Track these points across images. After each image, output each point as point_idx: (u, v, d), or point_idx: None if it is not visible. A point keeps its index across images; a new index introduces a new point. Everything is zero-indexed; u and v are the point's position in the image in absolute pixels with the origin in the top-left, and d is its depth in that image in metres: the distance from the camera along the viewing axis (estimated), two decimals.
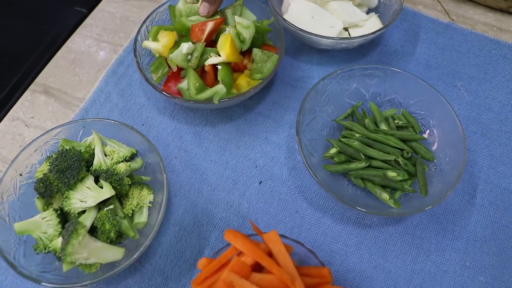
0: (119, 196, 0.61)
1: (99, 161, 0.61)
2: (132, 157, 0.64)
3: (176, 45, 0.69)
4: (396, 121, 0.69)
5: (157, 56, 0.73)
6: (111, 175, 0.58)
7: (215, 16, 0.71)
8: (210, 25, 0.67)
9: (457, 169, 0.60)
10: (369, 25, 0.78)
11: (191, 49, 0.67)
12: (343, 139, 0.67)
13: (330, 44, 0.75)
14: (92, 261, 0.55)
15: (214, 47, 0.68)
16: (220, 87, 0.66)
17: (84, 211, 0.58)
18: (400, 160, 0.64)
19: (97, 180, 0.60)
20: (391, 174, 0.62)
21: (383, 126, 0.68)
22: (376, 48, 0.84)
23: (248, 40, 0.69)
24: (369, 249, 0.63)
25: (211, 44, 0.70)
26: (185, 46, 0.66)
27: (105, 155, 0.63)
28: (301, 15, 0.77)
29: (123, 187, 0.59)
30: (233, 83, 0.69)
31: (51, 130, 0.64)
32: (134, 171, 0.64)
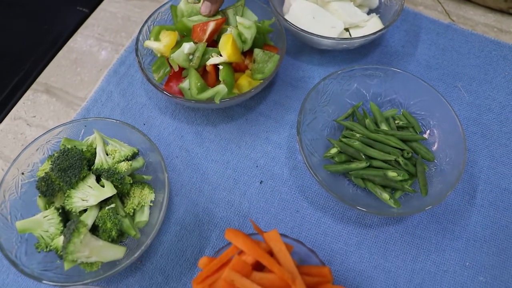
0: (121, 195, 0.62)
1: (100, 160, 0.61)
2: (133, 156, 0.64)
3: (177, 45, 0.69)
4: (396, 121, 0.69)
5: (158, 56, 0.73)
6: (112, 174, 0.59)
7: (217, 16, 0.72)
8: (211, 25, 0.67)
9: (457, 170, 0.61)
10: (370, 26, 0.78)
11: (192, 49, 0.67)
12: (343, 139, 0.67)
13: (331, 44, 0.75)
14: (93, 259, 0.55)
15: (216, 47, 0.68)
16: (221, 87, 0.66)
17: (86, 210, 0.58)
18: (401, 160, 0.64)
19: (98, 179, 0.60)
20: (391, 174, 0.63)
21: (383, 126, 0.68)
22: (377, 49, 0.84)
23: (249, 40, 0.69)
24: (369, 248, 0.63)
25: (212, 44, 0.70)
26: (187, 46, 0.67)
27: (107, 154, 0.63)
28: (302, 16, 0.77)
29: (124, 186, 0.59)
30: (234, 83, 0.69)
31: (53, 129, 0.64)
32: (136, 170, 0.64)
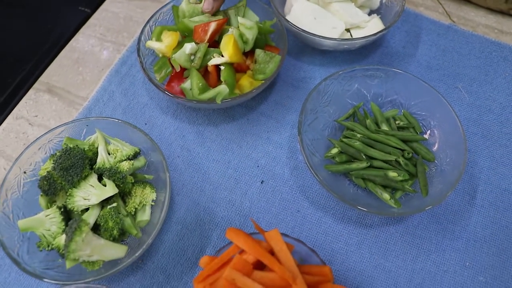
0: (122, 194, 0.62)
1: (102, 159, 0.61)
2: (135, 155, 0.64)
3: (179, 45, 0.69)
4: (397, 122, 0.70)
5: (160, 56, 0.73)
6: (114, 173, 0.59)
7: (218, 16, 0.72)
8: (213, 26, 0.68)
9: (458, 170, 0.61)
10: (370, 27, 0.78)
11: (194, 49, 0.67)
12: (344, 139, 0.67)
13: (332, 45, 0.75)
14: (95, 258, 0.55)
15: (217, 47, 0.69)
16: (223, 87, 0.67)
17: (87, 209, 0.58)
18: (401, 160, 0.64)
19: (100, 178, 0.60)
20: (392, 174, 0.63)
21: (384, 126, 0.69)
22: (378, 49, 0.84)
23: (251, 40, 0.69)
24: (369, 248, 0.63)
25: (214, 44, 0.70)
26: (188, 46, 0.67)
27: (109, 153, 0.63)
28: (304, 16, 0.78)
29: (126, 185, 0.60)
30: (235, 84, 0.69)
31: (55, 128, 0.64)
32: (137, 169, 0.64)
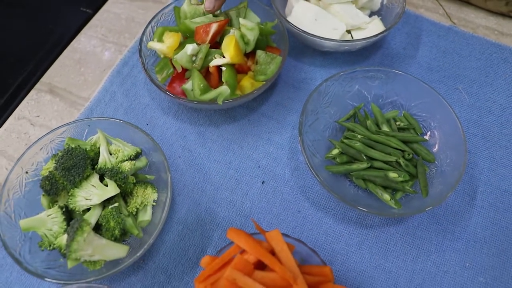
0: (124, 195, 0.62)
1: (104, 159, 0.61)
2: (136, 156, 0.64)
3: (181, 46, 0.70)
4: (397, 123, 0.70)
5: (162, 57, 0.74)
6: (116, 174, 0.59)
7: (219, 17, 0.72)
8: (214, 27, 0.68)
9: (458, 171, 0.61)
10: (371, 28, 0.79)
11: (195, 50, 0.68)
12: (345, 140, 0.67)
13: (333, 46, 0.76)
14: (96, 258, 0.55)
15: (219, 48, 0.69)
16: (224, 88, 0.67)
17: (89, 209, 0.58)
18: (401, 161, 0.64)
19: (102, 178, 0.60)
20: (392, 175, 0.63)
21: (384, 127, 0.69)
22: (379, 51, 0.84)
23: (252, 42, 0.69)
24: (370, 249, 0.64)
25: (215, 45, 0.70)
26: (190, 47, 0.67)
27: (110, 153, 0.63)
28: (305, 18, 0.78)
29: (127, 185, 0.60)
30: (237, 84, 0.69)
31: (57, 128, 0.64)
32: (139, 169, 0.65)
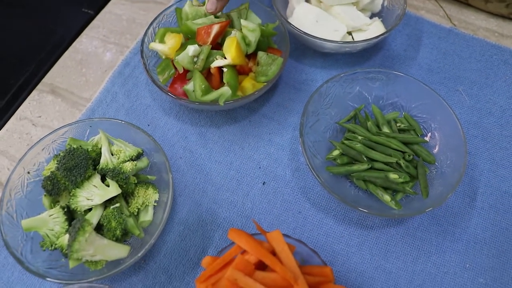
0: (125, 195, 0.62)
1: (105, 160, 0.62)
2: (138, 156, 0.65)
3: (182, 47, 0.70)
4: (398, 124, 0.70)
5: (163, 58, 0.74)
6: (117, 174, 0.59)
7: (221, 19, 0.72)
8: (216, 28, 0.68)
9: (458, 172, 0.61)
10: (372, 30, 0.79)
11: (197, 51, 0.68)
12: (345, 141, 0.68)
13: (334, 47, 0.76)
14: (98, 258, 0.55)
15: (220, 49, 0.69)
16: (225, 89, 0.67)
17: (91, 209, 0.59)
18: (402, 162, 0.64)
19: (103, 179, 0.60)
20: (392, 176, 0.63)
21: (385, 129, 0.69)
22: (379, 52, 0.84)
23: (253, 43, 0.69)
24: (370, 249, 0.64)
25: (217, 46, 0.70)
26: (191, 48, 0.67)
27: (112, 154, 0.64)
28: (306, 19, 0.78)
29: (129, 185, 0.60)
30: (238, 86, 0.70)
31: (59, 129, 0.65)
32: (140, 170, 0.65)
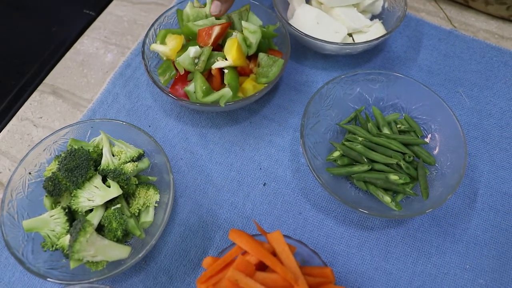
0: (126, 196, 0.62)
1: (107, 161, 0.62)
2: (139, 157, 0.65)
3: (183, 49, 0.70)
4: (398, 126, 0.70)
5: (164, 59, 0.74)
6: (118, 175, 0.59)
7: (222, 20, 0.72)
8: (216, 30, 0.68)
9: (458, 173, 0.61)
10: (372, 31, 0.79)
11: (198, 52, 0.68)
12: (346, 142, 0.68)
13: (335, 49, 0.76)
14: (98, 258, 0.55)
15: (221, 51, 0.69)
16: (226, 91, 0.67)
17: (92, 210, 0.59)
18: (402, 163, 0.65)
19: (104, 180, 0.60)
20: (393, 177, 0.63)
21: (385, 130, 0.69)
22: (380, 54, 0.85)
23: (254, 44, 0.70)
24: (371, 250, 0.64)
25: (218, 48, 0.70)
26: (192, 49, 0.67)
27: (113, 155, 0.64)
28: (306, 21, 0.78)
29: (130, 186, 0.60)
30: (239, 87, 0.70)
31: (60, 130, 0.65)
32: (141, 171, 0.65)
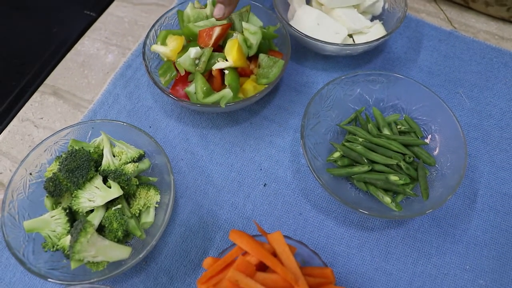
0: (127, 196, 0.62)
1: (107, 161, 0.62)
2: (139, 158, 0.65)
3: (184, 50, 0.70)
4: (398, 126, 0.70)
5: (165, 60, 0.74)
6: (119, 175, 0.59)
7: (222, 21, 0.72)
8: (217, 31, 0.68)
9: (458, 174, 0.61)
10: (373, 32, 0.79)
11: (198, 53, 0.68)
12: (346, 143, 0.68)
13: (335, 50, 0.76)
14: (99, 259, 0.55)
15: (222, 52, 0.70)
16: (227, 92, 0.67)
17: (92, 210, 0.59)
18: (402, 164, 0.65)
19: (105, 180, 0.60)
20: (393, 178, 0.63)
21: (385, 131, 0.69)
22: (380, 55, 0.85)
23: (255, 45, 0.70)
24: (371, 251, 0.64)
25: (218, 49, 0.71)
26: (193, 50, 0.68)
27: (114, 155, 0.64)
28: (307, 22, 0.78)
29: (130, 187, 0.60)
30: (239, 88, 0.70)
31: (61, 130, 0.65)
32: (142, 172, 0.65)
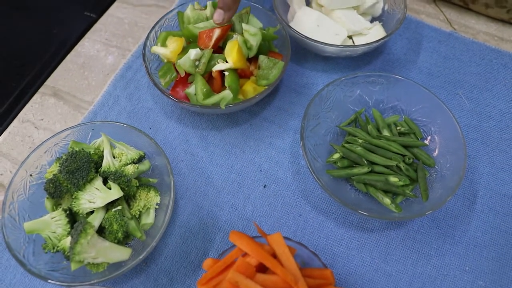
0: (127, 198, 0.62)
1: (107, 163, 0.62)
2: (140, 159, 0.65)
3: (184, 51, 0.70)
4: (398, 128, 0.70)
5: (165, 61, 0.74)
6: (119, 177, 0.59)
7: None
8: (217, 32, 0.68)
9: (458, 175, 0.61)
10: (372, 34, 0.79)
11: (198, 55, 0.68)
12: (346, 144, 0.68)
13: (335, 51, 0.76)
14: (99, 260, 0.55)
15: (222, 53, 0.70)
16: (227, 93, 0.67)
17: (93, 212, 0.59)
18: (402, 165, 0.65)
19: (105, 182, 0.60)
20: (393, 179, 0.64)
21: (385, 132, 0.69)
22: (380, 56, 0.85)
23: (254, 47, 0.70)
24: (370, 252, 0.64)
25: (218, 50, 0.71)
26: (193, 52, 0.68)
27: (114, 157, 0.64)
28: (307, 23, 0.79)
29: (131, 188, 0.60)
30: (239, 89, 0.70)
31: (61, 132, 0.65)
32: (142, 173, 0.65)
